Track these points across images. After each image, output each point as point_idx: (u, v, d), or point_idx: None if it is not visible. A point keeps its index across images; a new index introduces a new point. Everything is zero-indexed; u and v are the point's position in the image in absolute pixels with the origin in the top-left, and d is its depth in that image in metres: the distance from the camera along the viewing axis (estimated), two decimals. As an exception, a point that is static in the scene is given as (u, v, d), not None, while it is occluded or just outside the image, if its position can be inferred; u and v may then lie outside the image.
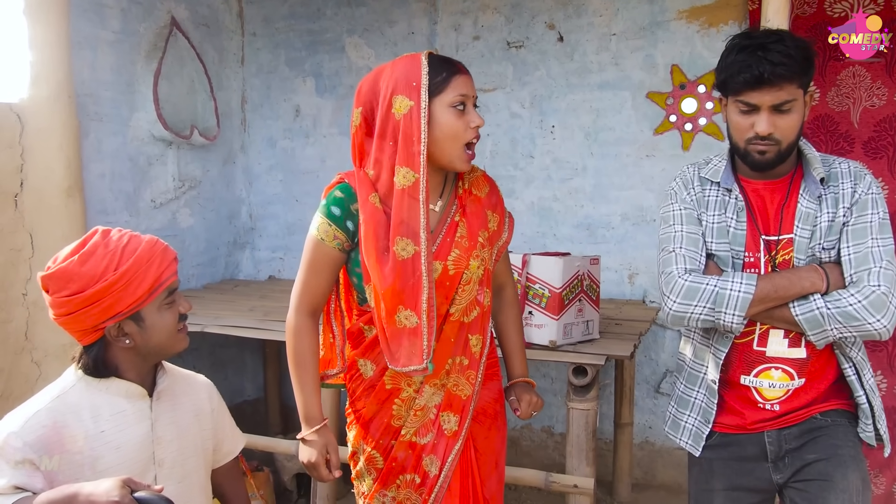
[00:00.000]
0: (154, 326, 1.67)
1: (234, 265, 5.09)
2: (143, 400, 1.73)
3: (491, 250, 2.09)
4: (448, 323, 2.00)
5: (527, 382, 2.26)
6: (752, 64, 1.84)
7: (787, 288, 1.89)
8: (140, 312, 1.64)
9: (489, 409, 2.15)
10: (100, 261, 1.58)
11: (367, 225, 1.91)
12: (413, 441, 2.04)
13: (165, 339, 1.70)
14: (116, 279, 1.57)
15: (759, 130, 1.88)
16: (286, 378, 4.87)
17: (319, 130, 4.88)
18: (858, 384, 1.99)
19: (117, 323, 1.62)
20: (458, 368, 2.03)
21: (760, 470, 2.04)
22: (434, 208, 2.00)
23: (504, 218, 2.15)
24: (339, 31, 4.74)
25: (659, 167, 4.05)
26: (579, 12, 4.16)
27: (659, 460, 4.27)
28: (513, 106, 4.37)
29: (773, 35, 1.89)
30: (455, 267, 1.97)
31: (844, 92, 3.59)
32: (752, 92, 1.87)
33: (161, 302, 1.67)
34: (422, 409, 2.03)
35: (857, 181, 1.96)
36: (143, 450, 1.71)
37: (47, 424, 1.59)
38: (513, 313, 2.30)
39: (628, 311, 3.80)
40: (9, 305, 3.28)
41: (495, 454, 2.17)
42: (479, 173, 2.13)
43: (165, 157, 4.36)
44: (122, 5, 4.02)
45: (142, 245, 1.64)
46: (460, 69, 1.93)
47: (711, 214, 2.04)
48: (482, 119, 1.94)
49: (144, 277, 1.61)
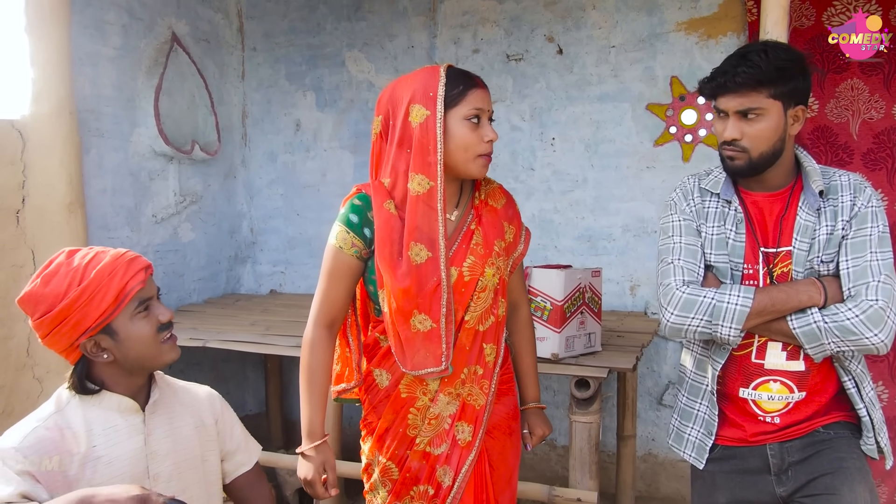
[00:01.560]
0: (129, 338, 1.64)
1: (235, 279, 5.09)
2: (135, 414, 1.72)
3: (507, 260, 2.12)
4: (463, 330, 2.01)
5: (540, 408, 2.31)
6: (721, 71, 1.92)
7: (784, 301, 1.89)
8: (111, 325, 1.62)
9: (503, 425, 2.15)
10: (62, 279, 1.59)
11: (381, 230, 1.95)
12: (427, 451, 2.04)
13: (145, 350, 1.66)
14: (79, 294, 1.57)
15: (725, 135, 1.94)
16: (288, 393, 4.92)
17: (320, 144, 4.89)
18: (858, 397, 1.99)
19: (91, 339, 1.61)
20: (473, 377, 2.04)
21: (764, 483, 2.03)
22: (450, 217, 2.03)
23: (521, 230, 2.19)
24: (339, 45, 4.76)
25: (659, 178, 4.06)
26: (578, 25, 4.18)
27: (662, 473, 4.25)
28: (513, 118, 4.38)
29: (761, 45, 1.94)
30: (470, 273, 1.99)
31: (843, 104, 3.60)
32: (720, 97, 1.93)
33: (132, 312, 1.64)
34: (436, 417, 2.03)
35: (856, 194, 1.96)
36: (137, 465, 1.69)
37: (45, 440, 1.59)
38: (527, 334, 2.31)
39: (630, 323, 3.80)
40: (10, 322, 3.28)
41: (509, 470, 2.17)
42: (495, 185, 2.17)
43: (167, 172, 4.37)
44: (122, 21, 4.04)
45: (105, 259, 1.63)
46: (477, 83, 1.97)
47: (711, 226, 2.05)
48: (496, 133, 1.97)
49: (108, 289, 1.59)
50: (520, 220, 2.20)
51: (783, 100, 1.90)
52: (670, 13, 3.99)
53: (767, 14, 2.53)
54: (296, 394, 5.05)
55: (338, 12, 4.74)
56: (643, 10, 4.04)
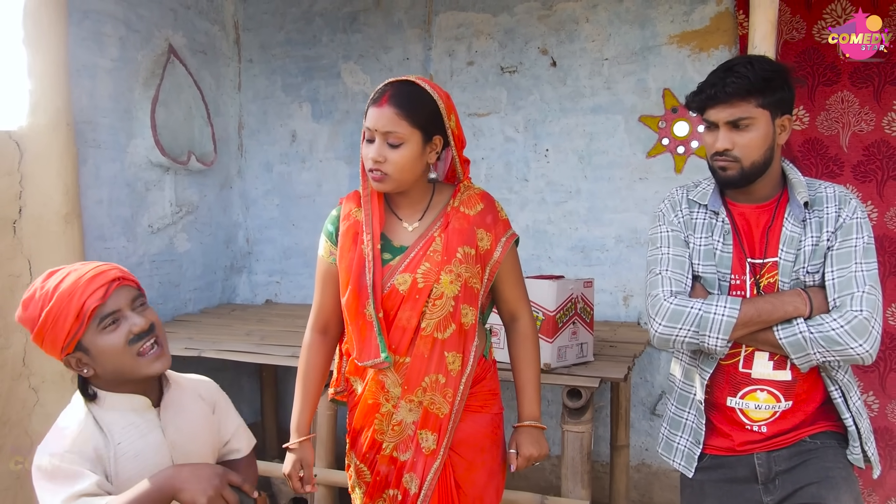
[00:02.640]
0: (101, 353, 1.66)
1: (230, 289, 5.11)
2: (150, 411, 1.78)
3: (478, 268, 2.08)
4: (420, 338, 2.03)
5: (534, 428, 2.16)
6: (708, 84, 1.96)
7: (770, 312, 1.92)
8: (81, 342, 1.65)
9: (471, 442, 2.11)
10: (36, 304, 1.66)
11: (342, 236, 2.12)
12: (394, 456, 2.09)
13: (119, 362, 1.68)
14: (45, 318, 1.64)
15: (717, 146, 1.97)
16: (283, 402, 4.93)
17: (315, 155, 4.92)
18: (845, 407, 2.01)
19: (70, 356, 1.67)
20: (435, 386, 2.04)
21: (751, 492, 2.05)
22: (407, 227, 2.10)
23: (500, 238, 2.12)
24: (335, 57, 4.80)
25: (652, 190, 4.09)
26: (572, 38, 4.22)
27: (656, 482, 4.27)
28: (507, 130, 4.41)
29: (745, 58, 1.98)
30: (424, 280, 2.02)
31: (833, 116, 3.63)
32: (710, 109, 1.97)
33: (96, 328, 1.66)
34: (399, 424, 2.07)
35: (841, 205, 1.99)
36: (161, 454, 1.75)
37: (88, 440, 1.67)
38: (526, 348, 2.20)
39: (623, 334, 3.82)
40: (7, 331, 3.29)
41: (477, 489, 2.12)
42: (474, 192, 2.15)
43: (163, 182, 4.40)
44: (120, 33, 4.07)
45: (69, 280, 1.67)
46: (376, 100, 2.01)
47: (698, 237, 2.07)
48: (377, 154, 1.98)
49: (69, 310, 1.63)
50: (502, 227, 2.14)
51: (771, 109, 1.94)
52: (663, 26, 4.03)
53: (756, 28, 2.57)
54: (291, 403, 5.06)
55: (333, 24, 4.77)
56: (636, 23, 4.08)
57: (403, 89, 2.00)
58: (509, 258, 2.15)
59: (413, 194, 2.11)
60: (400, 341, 2.04)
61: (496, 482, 2.18)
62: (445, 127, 2.05)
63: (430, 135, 2.02)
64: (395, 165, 1.97)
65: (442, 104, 2.03)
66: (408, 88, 2.01)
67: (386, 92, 1.99)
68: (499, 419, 2.20)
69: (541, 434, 2.17)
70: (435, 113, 2.02)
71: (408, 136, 1.96)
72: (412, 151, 1.98)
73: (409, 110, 1.96)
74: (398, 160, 1.97)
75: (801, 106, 3.66)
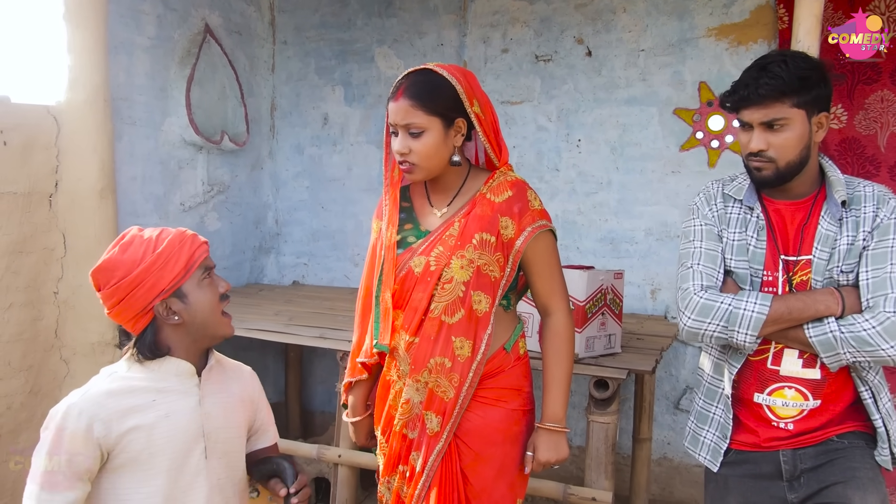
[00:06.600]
0: (197, 302, 1.79)
1: (258, 270, 5.15)
2: (191, 378, 1.84)
3: (501, 256, 2.05)
4: (428, 319, 2.05)
5: (554, 431, 2.08)
6: (742, 83, 1.93)
7: (801, 310, 1.90)
8: (182, 289, 1.77)
9: (481, 434, 2.07)
10: (138, 248, 1.75)
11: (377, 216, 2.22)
12: (404, 433, 2.12)
13: (209, 316, 1.81)
14: (155, 259, 1.73)
15: (752, 147, 1.95)
16: (307, 383, 4.97)
17: (347, 139, 4.94)
18: (875, 408, 1.99)
19: (163, 301, 1.76)
20: (440, 369, 2.04)
21: (775, 488, 2.03)
22: (436, 213, 2.14)
23: (525, 227, 2.05)
24: (370, 41, 4.80)
25: (684, 183, 4.06)
26: (608, 28, 4.19)
27: (677, 477, 4.26)
28: (539, 119, 4.39)
29: (780, 56, 1.94)
30: (436, 263, 2.04)
31: (872, 116, 3.58)
32: (744, 110, 1.95)
33: (199, 278, 1.80)
34: (407, 402, 2.11)
35: (879, 205, 1.96)
36: (193, 420, 1.81)
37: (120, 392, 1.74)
38: (555, 345, 2.11)
39: (650, 327, 3.81)
40: (40, 303, 3.35)
41: (486, 483, 2.07)
42: (507, 178, 2.12)
43: (195, 161, 4.44)
44: (157, 12, 4.10)
45: (173, 232, 1.81)
46: (393, 94, 2.03)
47: (732, 231, 2.06)
48: (401, 146, 2.03)
49: (179, 256, 1.76)
50: (530, 217, 2.06)
51: (807, 108, 1.91)
52: (701, 18, 3.99)
53: (800, 23, 2.51)
54: (315, 384, 5.11)
55: (369, 8, 4.78)
56: (674, 14, 4.04)
57: (418, 79, 2.01)
58: (538, 249, 2.08)
59: (443, 180, 2.13)
60: (412, 321, 2.06)
61: (509, 479, 2.10)
62: (467, 110, 2.03)
63: (450, 119, 2.02)
64: (419, 154, 2.01)
65: (461, 88, 2.01)
66: (423, 77, 2.02)
67: (401, 86, 2.01)
68: (519, 415, 2.12)
69: (561, 438, 2.08)
70: (454, 97, 2.01)
71: (427, 125, 1.99)
72: (434, 138, 2.01)
73: (424, 99, 1.98)
74: (421, 149, 2.00)
75: (840, 104, 3.61)
